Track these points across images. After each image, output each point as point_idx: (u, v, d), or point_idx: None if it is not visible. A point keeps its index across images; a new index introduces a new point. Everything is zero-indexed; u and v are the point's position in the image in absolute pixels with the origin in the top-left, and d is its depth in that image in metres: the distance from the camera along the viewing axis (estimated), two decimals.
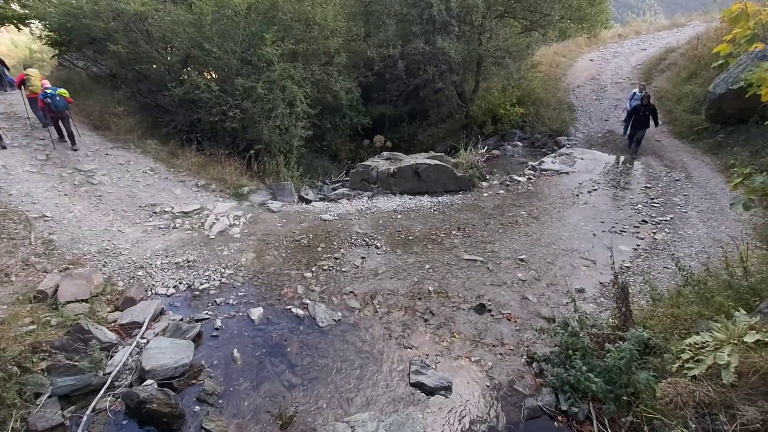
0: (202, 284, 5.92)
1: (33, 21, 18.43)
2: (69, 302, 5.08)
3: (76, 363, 4.32)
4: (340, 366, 4.57)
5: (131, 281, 5.91)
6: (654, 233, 7.06)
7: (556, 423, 3.80)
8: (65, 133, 9.45)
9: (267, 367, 4.58)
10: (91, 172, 8.65)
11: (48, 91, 9.03)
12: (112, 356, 4.56)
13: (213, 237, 7.15)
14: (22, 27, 18.13)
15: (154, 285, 5.88)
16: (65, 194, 7.82)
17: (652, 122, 10.60)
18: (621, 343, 3.58)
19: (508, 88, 14.39)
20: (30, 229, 6.67)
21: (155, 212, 7.72)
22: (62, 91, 9.21)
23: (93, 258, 6.27)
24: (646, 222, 7.49)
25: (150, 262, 6.36)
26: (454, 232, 7.37)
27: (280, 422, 3.87)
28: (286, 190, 8.74)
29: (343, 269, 6.33)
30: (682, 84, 13.29)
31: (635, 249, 6.68)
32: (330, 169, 12.87)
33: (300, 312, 5.34)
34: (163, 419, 3.81)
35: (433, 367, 4.43)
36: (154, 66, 11.39)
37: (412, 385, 4.23)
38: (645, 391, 3.18)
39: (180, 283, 5.94)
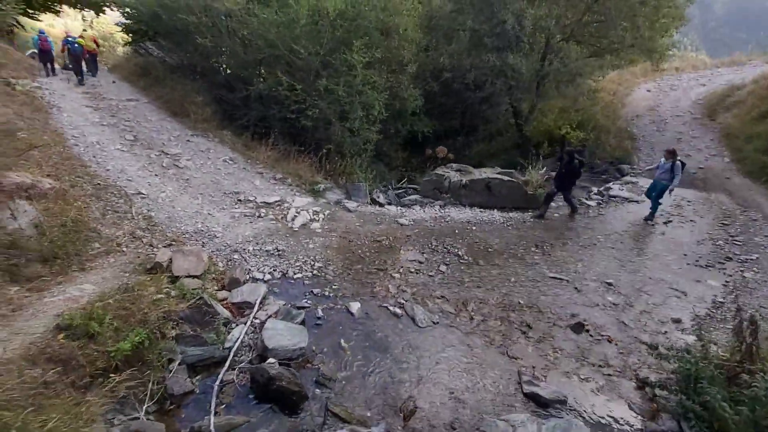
0: (295, 273, 6.10)
1: (110, 6, 19.40)
2: (182, 277, 5.32)
3: (201, 335, 4.52)
4: (445, 367, 4.63)
5: (228, 263, 6.13)
6: (742, 271, 6.92)
7: None
8: (83, 71, 12.98)
9: (373, 360, 4.68)
10: (176, 156, 9.04)
11: (69, 39, 12.74)
12: (229, 332, 4.74)
13: (296, 229, 7.35)
14: (101, 13, 19.10)
15: (250, 269, 6.08)
16: (155, 174, 8.19)
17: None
18: (759, 375, 3.53)
19: (570, 110, 14.37)
20: (130, 204, 7.02)
21: (240, 200, 7.99)
22: (80, 40, 12.99)
23: (191, 237, 6.53)
24: (730, 259, 7.34)
25: (243, 247, 6.58)
26: (532, 249, 7.38)
27: (402, 414, 3.94)
28: (361, 191, 8.92)
29: (429, 273, 6.42)
30: (753, 123, 13.03)
31: (725, 285, 6.56)
32: (386, 175, 13.05)
33: (398, 311, 5.44)
34: (291, 397, 3.94)
35: (543, 379, 4.45)
36: (232, 61, 11.89)
37: (525, 394, 4.25)
38: None
39: (274, 270, 6.13)
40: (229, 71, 12.57)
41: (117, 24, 18.18)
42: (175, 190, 7.87)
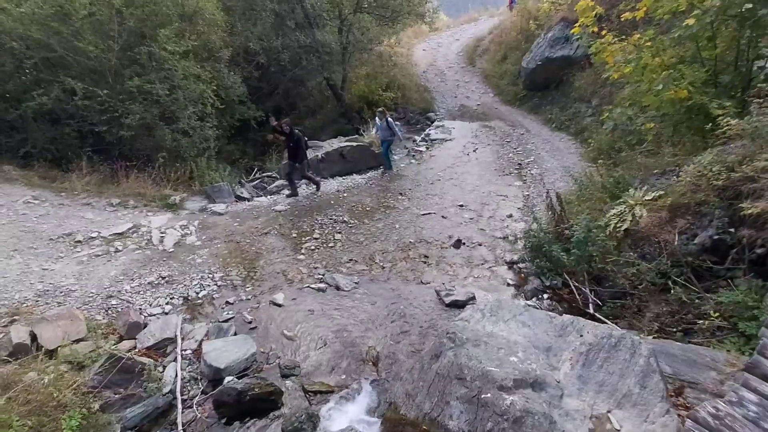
0: (198, 293, 5.66)
1: None
2: (62, 346, 4.34)
3: (131, 393, 3.96)
4: (381, 314, 5.31)
5: (109, 312, 5.22)
6: (530, 170, 9.73)
7: (545, 294, 5.52)
8: None
9: (320, 334, 4.99)
10: None
11: None
12: (160, 377, 4.25)
13: (172, 250, 6.59)
14: None
15: (141, 308, 5.33)
16: None
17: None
18: (572, 229, 5.46)
19: (378, 75, 16.06)
20: None
21: (78, 241, 6.53)
22: None
23: (37, 302, 5.19)
24: (521, 164, 10.16)
25: (116, 289, 5.62)
26: (399, 197, 8.59)
27: (371, 362, 4.50)
28: (225, 192, 8.34)
29: (329, 245, 6.86)
30: (499, 64, 17.35)
31: (524, 182, 9.16)
32: (230, 170, 12.29)
33: (320, 285, 5.77)
34: (269, 398, 3.98)
35: (454, 289, 5.64)
36: None
37: (448, 305, 5.35)
38: (599, 250, 5.07)
39: (172, 298, 5.54)
40: None
41: None
42: None
